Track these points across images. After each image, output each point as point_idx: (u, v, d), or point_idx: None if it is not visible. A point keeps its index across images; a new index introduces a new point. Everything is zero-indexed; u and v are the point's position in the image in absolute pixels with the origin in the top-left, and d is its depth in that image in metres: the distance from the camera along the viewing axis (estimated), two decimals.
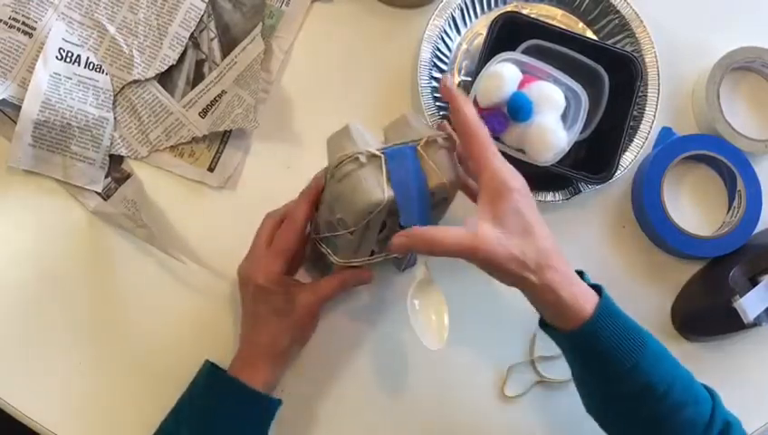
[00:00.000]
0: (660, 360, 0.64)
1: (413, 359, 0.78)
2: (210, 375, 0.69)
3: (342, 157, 0.62)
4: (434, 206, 0.65)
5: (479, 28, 0.85)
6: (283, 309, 0.69)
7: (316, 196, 0.69)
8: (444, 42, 0.83)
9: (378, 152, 0.62)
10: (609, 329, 0.61)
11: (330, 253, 0.70)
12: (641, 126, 0.82)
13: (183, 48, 0.80)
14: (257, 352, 0.69)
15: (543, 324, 0.65)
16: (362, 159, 0.62)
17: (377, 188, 0.61)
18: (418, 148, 0.63)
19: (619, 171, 0.80)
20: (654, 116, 0.82)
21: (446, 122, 0.67)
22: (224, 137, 0.81)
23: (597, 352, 0.62)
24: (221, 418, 0.66)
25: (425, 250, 0.60)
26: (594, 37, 0.85)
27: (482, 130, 0.62)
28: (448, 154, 0.65)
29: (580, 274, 0.64)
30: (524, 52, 0.78)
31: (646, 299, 0.82)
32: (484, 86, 0.75)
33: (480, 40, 0.83)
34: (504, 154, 0.75)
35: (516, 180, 0.61)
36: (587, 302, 0.61)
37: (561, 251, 0.62)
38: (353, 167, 0.62)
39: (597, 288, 0.63)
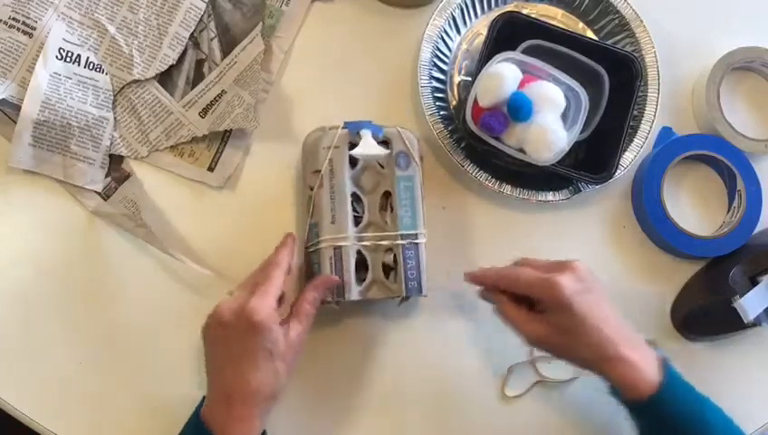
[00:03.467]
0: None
1: (412, 360, 0.78)
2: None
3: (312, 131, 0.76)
4: (396, 160, 0.74)
5: (479, 28, 0.85)
6: (276, 349, 0.65)
7: (293, 245, 0.72)
8: (444, 42, 0.83)
9: (340, 124, 0.74)
10: (671, 405, 0.64)
11: (316, 244, 0.72)
12: (641, 126, 0.82)
13: (183, 48, 0.80)
14: (251, 402, 0.64)
15: (612, 392, 0.68)
16: (327, 127, 0.74)
17: (332, 133, 0.74)
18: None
19: (619, 171, 0.80)
20: (654, 116, 0.82)
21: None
22: (224, 137, 0.81)
23: (663, 422, 0.64)
24: None
25: (501, 283, 0.69)
26: (594, 37, 0.85)
27: (507, 274, 0.69)
28: (414, 136, 0.76)
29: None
30: (524, 52, 0.78)
31: (646, 299, 0.81)
32: (484, 86, 0.75)
33: (480, 40, 0.83)
34: (503, 154, 0.76)
35: (563, 292, 0.64)
36: (645, 381, 0.64)
37: (628, 325, 0.67)
38: (318, 134, 0.74)
39: (662, 360, 0.67)
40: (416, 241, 0.73)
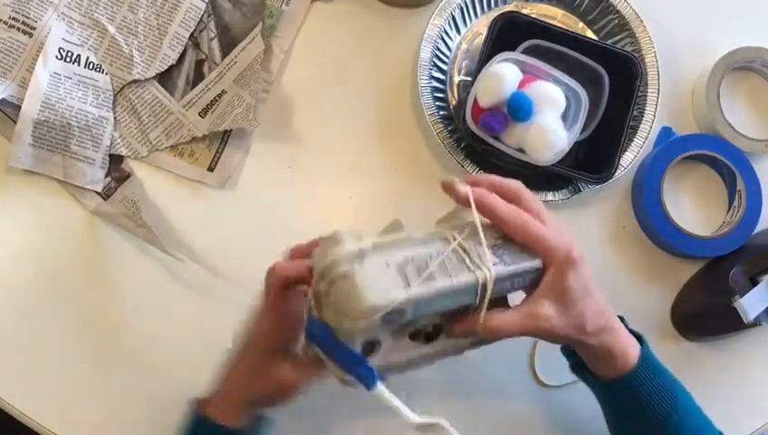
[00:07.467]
0: (692, 417, 0.65)
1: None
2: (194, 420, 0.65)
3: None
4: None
5: (479, 28, 0.85)
6: (258, 368, 0.62)
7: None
8: (444, 42, 0.83)
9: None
10: (646, 383, 0.63)
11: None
12: (641, 126, 0.82)
13: (183, 48, 0.80)
14: (232, 398, 0.63)
15: (576, 370, 0.68)
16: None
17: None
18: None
19: (619, 171, 0.80)
20: (654, 116, 0.82)
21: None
22: (224, 137, 0.81)
23: (631, 402, 0.64)
24: None
25: (487, 336, 0.60)
26: (594, 37, 0.85)
27: (517, 214, 0.60)
28: None
29: (621, 318, 0.65)
30: (524, 52, 0.78)
31: (646, 299, 0.82)
32: (484, 86, 0.75)
33: (480, 40, 0.83)
34: (503, 154, 0.76)
35: (573, 250, 0.59)
36: (630, 355, 0.63)
37: (609, 304, 0.63)
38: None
39: (638, 336, 0.65)
40: None
